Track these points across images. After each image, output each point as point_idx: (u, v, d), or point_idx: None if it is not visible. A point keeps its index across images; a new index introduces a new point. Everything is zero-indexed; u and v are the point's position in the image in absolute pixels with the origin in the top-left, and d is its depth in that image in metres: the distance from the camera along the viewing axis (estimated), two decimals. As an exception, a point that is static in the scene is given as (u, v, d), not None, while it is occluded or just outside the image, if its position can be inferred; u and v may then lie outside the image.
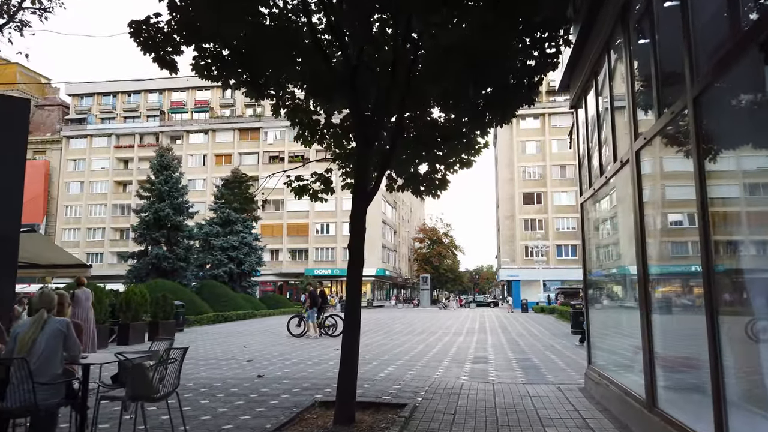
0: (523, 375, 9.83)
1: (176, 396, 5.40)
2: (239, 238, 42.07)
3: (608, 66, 6.59)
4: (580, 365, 11.15)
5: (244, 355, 13.52)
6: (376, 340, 18.12)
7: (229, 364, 11.61)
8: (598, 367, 7.76)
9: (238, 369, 10.68)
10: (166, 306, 18.73)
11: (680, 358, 5.17)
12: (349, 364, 6.10)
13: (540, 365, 11.32)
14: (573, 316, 21.12)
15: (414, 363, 11.61)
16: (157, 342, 6.32)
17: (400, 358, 12.69)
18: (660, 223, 5.22)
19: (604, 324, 8.10)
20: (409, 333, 21.38)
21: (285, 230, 66.69)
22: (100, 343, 15.43)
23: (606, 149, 7.02)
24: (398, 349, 14.77)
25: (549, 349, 14.85)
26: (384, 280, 72.18)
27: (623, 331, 6.91)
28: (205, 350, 14.84)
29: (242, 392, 7.94)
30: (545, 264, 58.51)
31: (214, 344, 16.70)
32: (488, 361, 12.15)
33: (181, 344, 16.86)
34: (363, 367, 10.74)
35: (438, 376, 9.57)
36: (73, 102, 76.79)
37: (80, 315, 11.92)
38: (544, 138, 64.62)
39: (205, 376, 9.72)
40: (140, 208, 36.20)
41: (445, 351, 14.32)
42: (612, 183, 6.56)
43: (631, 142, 5.43)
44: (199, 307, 28.95)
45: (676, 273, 5.08)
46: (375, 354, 13.53)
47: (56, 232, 70.65)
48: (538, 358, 12.55)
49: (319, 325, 18.92)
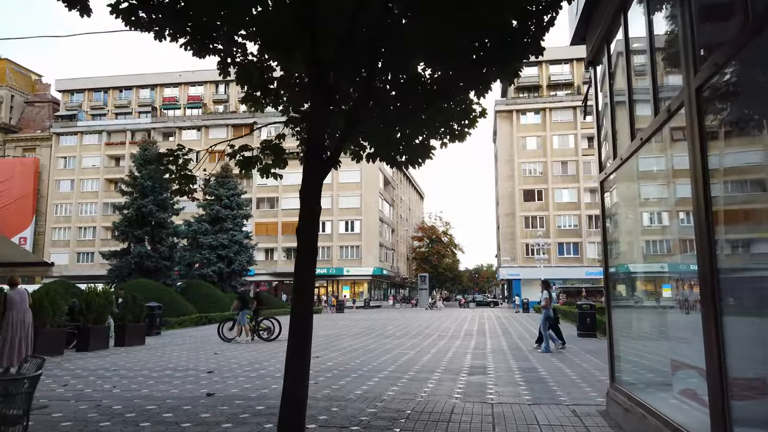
0: (528, 391, 8.19)
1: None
2: (229, 236, 40.44)
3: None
4: (595, 378, 9.52)
5: (210, 364, 11.91)
6: (365, 344, 16.49)
7: (184, 377, 9.98)
8: (627, 387, 6.11)
9: (190, 384, 9.04)
10: (135, 308, 17.07)
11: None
12: (294, 395, 4.47)
13: (547, 377, 9.68)
14: (579, 317, 19.53)
15: (401, 374, 9.98)
16: (31, 360, 4.65)
17: (386, 367, 11.06)
18: (736, 196, 3.59)
19: (636, 331, 6.45)
20: (402, 336, 19.75)
21: (280, 228, 65.06)
22: (54, 350, 13.82)
23: (639, 107, 5.39)
24: (386, 356, 13.15)
25: (555, 355, 13.21)
26: (381, 280, 70.52)
27: (668, 343, 5.27)
28: (170, 358, 13.22)
29: (176, 419, 6.30)
30: (546, 263, 56.84)
31: (184, 350, 15.08)
32: (487, 371, 10.52)
33: (150, 349, 15.31)
34: (339, 380, 9.12)
35: (426, 394, 7.94)
36: (63, 98, 75.10)
37: (14, 318, 10.32)
38: (545, 133, 62.95)
39: (145, 394, 8.09)
40: (123, 204, 34.52)
41: (438, 358, 12.69)
42: (651, 145, 4.91)
43: (688, 79, 3.79)
44: (182, 308, 27.33)
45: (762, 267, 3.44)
46: (359, 362, 11.90)
47: (46, 231, 69.07)
48: (545, 368, 10.92)
49: (252, 329, 17.77)
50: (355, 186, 64.00)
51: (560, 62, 65.98)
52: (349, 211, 64.47)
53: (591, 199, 60.67)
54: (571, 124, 62.33)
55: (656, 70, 4.74)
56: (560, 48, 66.23)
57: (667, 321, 5.53)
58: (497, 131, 67.80)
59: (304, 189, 4.85)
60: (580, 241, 59.91)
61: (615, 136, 6.18)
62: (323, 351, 14.48)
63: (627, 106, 5.56)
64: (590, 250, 58.65)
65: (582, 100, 7.66)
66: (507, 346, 15.52)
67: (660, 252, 5.48)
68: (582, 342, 16.89)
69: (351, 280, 64.49)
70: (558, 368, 10.85)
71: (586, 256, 58.83)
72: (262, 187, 65.69)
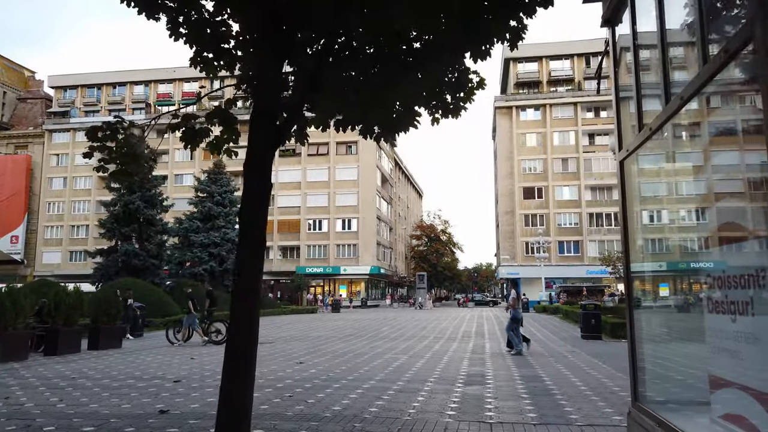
0: (532, 407, 7.12)
1: None
2: (221, 234, 39.39)
3: None
4: (607, 389, 8.46)
5: (181, 370, 10.84)
6: (355, 347, 15.42)
7: (147, 387, 8.90)
8: (654, 408, 5.02)
9: (148, 397, 7.97)
10: (110, 308, 15.98)
11: None
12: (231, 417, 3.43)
13: (553, 388, 8.61)
14: (584, 318, 18.49)
15: (389, 385, 8.91)
16: None
17: (374, 375, 9.99)
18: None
19: (666, 339, 5.36)
20: (396, 338, 18.69)
21: (276, 227, 63.91)
22: (17, 354, 12.73)
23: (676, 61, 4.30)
24: (376, 362, 12.08)
25: (560, 361, 12.17)
26: (379, 279, 69.42)
27: (709, 355, 4.18)
28: (141, 363, 12.16)
29: (111, 445, 5.23)
30: (546, 261, 55.75)
31: (159, 354, 14.01)
32: (485, 380, 9.45)
33: (125, 353, 14.23)
34: (318, 392, 8.06)
35: (415, 410, 6.86)
36: (56, 94, 73.94)
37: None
38: (545, 130, 61.86)
39: (91, 410, 7.01)
40: (110, 201, 33.40)
41: (432, 364, 11.63)
42: (692, 108, 3.83)
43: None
44: (168, 308, 26.25)
45: None
46: (345, 369, 10.83)
47: (38, 230, 67.92)
48: (549, 376, 9.86)
49: (205, 331, 16.93)
50: (352, 183, 62.91)
51: (561, 57, 64.98)
52: (346, 209, 63.38)
53: (592, 196, 59.67)
54: (572, 121, 61.28)
55: (703, 7, 3.65)
56: (560, 43, 65.30)
57: (706, 327, 4.46)
58: (496, 128, 66.71)
59: (249, 160, 3.79)
60: (581, 240, 58.87)
61: (640, 104, 5.10)
62: (309, 355, 13.42)
63: (660, 63, 4.47)
64: (591, 249, 57.63)
65: (595, 71, 6.58)
66: (507, 350, 14.44)
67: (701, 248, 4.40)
68: (587, 345, 15.84)
69: (348, 279, 63.41)
70: (565, 377, 9.78)
71: (587, 254, 57.79)
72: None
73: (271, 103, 3.91)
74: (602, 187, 59.30)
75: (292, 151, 65.89)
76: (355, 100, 4.62)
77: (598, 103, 61.37)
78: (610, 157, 56.21)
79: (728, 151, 3.72)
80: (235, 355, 3.86)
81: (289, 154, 65.62)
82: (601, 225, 58.70)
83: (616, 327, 17.95)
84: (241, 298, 3.93)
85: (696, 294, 4.92)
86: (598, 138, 60.57)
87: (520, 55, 65.34)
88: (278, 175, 65.19)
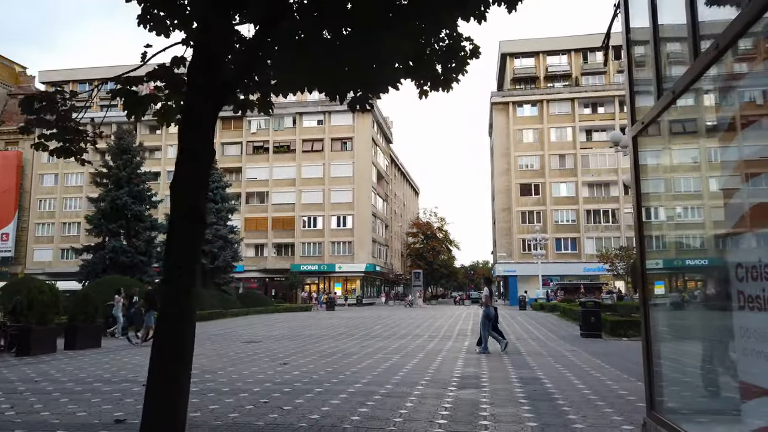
0: (532, 414, 6.42)
1: None
2: (212, 231, 38.52)
3: None
4: (612, 393, 7.78)
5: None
6: (345, 347, 14.71)
7: (112, 391, 8.19)
8: (674, 419, 4.33)
9: (110, 404, 7.24)
10: (88, 306, 15.24)
11: None
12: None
13: (554, 391, 7.92)
14: (583, 315, 17.81)
15: (376, 388, 8.21)
16: None
17: (361, 377, 9.29)
18: None
19: (687, 341, 4.68)
20: (388, 337, 17.99)
21: (270, 224, 63.18)
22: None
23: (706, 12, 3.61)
24: (365, 362, 11.38)
25: (560, 361, 11.49)
26: (375, 276, 68.67)
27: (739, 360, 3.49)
28: (116, 364, 11.45)
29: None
30: (543, 258, 55.10)
31: (138, 355, 13.29)
32: (481, 382, 8.76)
33: (101, 353, 13.47)
34: (297, 398, 7.35)
35: (402, 419, 6.16)
36: (48, 90, 72.83)
37: None
38: (542, 126, 61.17)
39: (42, 418, 6.29)
40: (97, 196, 32.57)
41: (425, 365, 10.94)
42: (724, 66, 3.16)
43: None
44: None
45: None
46: (331, 371, 10.12)
47: (29, 227, 66.97)
48: (550, 378, 9.17)
49: (123, 331, 16.68)
50: (347, 180, 62.13)
51: (558, 53, 64.31)
52: (341, 206, 62.58)
53: (589, 193, 59.06)
54: (569, 117, 60.63)
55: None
56: (558, 38, 64.61)
57: (736, 326, 3.77)
58: (493, 124, 66.04)
59: (185, 120, 3.09)
60: (578, 237, 58.25)
61: (659, 71, 4.40)
62: (295, 356, 12.72)
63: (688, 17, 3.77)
64: (588, 246, 57.04)
65: (604, 37, 5.87)
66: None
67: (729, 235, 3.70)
68: (587, 344, 15.17)
69: (343, 276, 62.66)
70: (566, 379, 9.10)
71: (585, 251, 57.19)
72: (252, 182, 63.95)
73: (214, 56, 3.21)
74: (600, 183, 58.73)
75: (287, 147, 65.16)
76: (325, 60, 3.92)
77: (595, 99, 60.77)
78: (607, 154, 55.57)
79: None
80: (156, 387, 3.17)
81: (283, 150, 64.87)
82: (599, 222, 58.12)
83: (616, 325, 17.32)
84: (178, 299, 3.23)
85: (721, 288, 4.23)
86: (596, 134, 59.90)
87: (517, 50, 64.73)
88: (273, 171, 64.52)
